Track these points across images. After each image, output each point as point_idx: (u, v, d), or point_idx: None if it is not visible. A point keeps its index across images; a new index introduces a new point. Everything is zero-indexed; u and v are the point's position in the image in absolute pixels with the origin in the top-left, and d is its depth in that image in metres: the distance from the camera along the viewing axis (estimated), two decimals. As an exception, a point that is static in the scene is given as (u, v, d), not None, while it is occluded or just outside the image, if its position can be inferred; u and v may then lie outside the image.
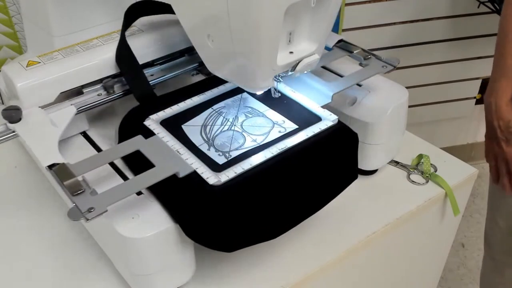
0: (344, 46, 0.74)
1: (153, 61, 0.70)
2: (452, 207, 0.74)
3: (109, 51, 0.65)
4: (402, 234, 0.71)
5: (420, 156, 0.76)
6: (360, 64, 0.72)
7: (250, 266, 0.61)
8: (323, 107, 0.62)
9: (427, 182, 0.73)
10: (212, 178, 0.51)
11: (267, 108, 0.63)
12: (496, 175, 0.92)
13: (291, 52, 0.59)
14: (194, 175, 0.52)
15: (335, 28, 1.35)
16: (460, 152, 1.78)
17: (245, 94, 0.66)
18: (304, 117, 0.61)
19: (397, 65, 0.69)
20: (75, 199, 0.48)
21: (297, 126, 0.60)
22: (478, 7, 1.38)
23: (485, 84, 0.90)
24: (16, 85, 0.60)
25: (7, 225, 0.66)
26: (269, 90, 0.63)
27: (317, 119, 0.60)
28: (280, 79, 0.59)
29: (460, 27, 1.45)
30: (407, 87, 0.70)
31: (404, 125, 0.72)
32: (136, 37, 0.68)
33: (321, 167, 0.58)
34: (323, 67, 0.73)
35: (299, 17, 0.57)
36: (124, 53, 0.65)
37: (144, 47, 0.68)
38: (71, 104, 0.63)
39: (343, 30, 1.37)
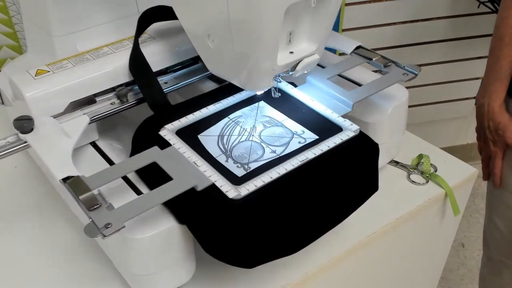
0: (362, 52, 0.72)
1: (166, 68, 0.68)
2: (452, 207, 0.74)
3: (121, 59, 0.64)
4: (402, 234, 0.71)
5: (420, 156, 0.76)
6: (380, 71, 0.70)
7: (250, 266, 0.61)
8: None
9: (427, 182, 0.73)
10: (231, 191, 0.50)
11: (286, 117, 0.61)
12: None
13: (291, 52, 0.59)
14: (213, 188, 0.50)
15: (335, 28, 1.34)
16: (460, 152, 1.78)
17: (262, 103, 0.64)
18: (324, 127, 0.59)
19: (418, 73, 0.66)
20: (91, 214, 0.46)
21: (317, 137, 0.58)
22: (478, 7, 1.37)
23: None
24: (25, 95, 0.58)
25: (6, 225, 0.66)
26: (287, 99, 0.62)
27: (338, 129, 0.58)
28: (280, 79, 0.59)
29: (460, 27, 1.45)
30: (407, 87, 0.70)
31: (404, 125, 0.72)
32: (149, 44, 0.67)
33: (343, 179, 0.56)
34: (339, 74, 0.71)
35: (299, 17, 0.57)
36: (137, 60, 0.64)
37: (157, 54, 0.66)
38: (84, 114, 0.61)
39: (343, 30, 1.37)
